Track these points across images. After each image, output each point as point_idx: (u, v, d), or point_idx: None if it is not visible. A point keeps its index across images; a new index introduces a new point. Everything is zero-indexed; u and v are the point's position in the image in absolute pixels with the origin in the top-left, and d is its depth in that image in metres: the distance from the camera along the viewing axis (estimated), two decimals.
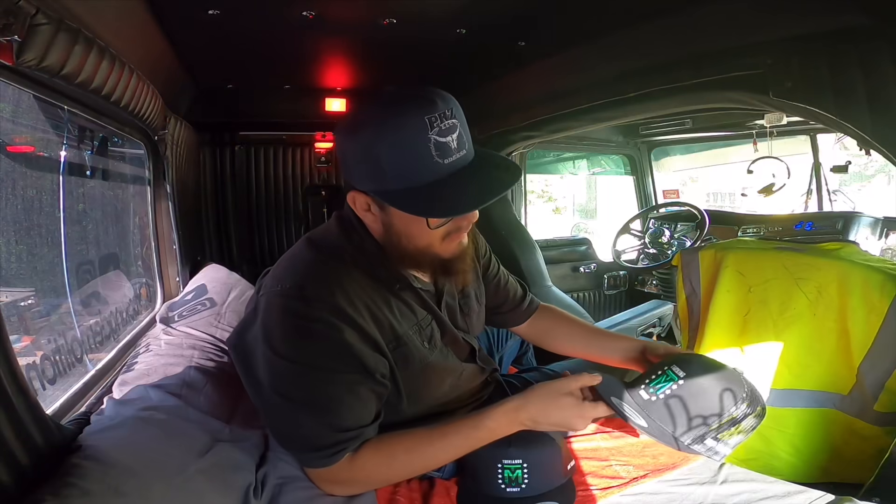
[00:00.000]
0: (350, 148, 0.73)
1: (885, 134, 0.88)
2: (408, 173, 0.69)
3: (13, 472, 0.54)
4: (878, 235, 2.16)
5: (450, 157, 0.69)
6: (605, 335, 1.10)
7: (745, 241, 2.16)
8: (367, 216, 0.79)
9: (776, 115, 1.95)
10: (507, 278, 1.11)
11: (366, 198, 0.76)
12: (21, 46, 0.65)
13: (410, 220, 0.75)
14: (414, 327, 0.84)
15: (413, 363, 0.83)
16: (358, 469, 0.77)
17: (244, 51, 1.48)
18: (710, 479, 0.89)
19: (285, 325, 0.75)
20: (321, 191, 2.43)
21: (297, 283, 0.76)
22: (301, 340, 0.74)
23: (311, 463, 0.78)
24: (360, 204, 0.78)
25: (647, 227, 2.72)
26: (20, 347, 1.00)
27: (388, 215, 0.77)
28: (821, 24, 0.96)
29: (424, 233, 0.76)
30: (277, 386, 0.75)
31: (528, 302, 1.13)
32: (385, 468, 0.79)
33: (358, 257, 0.80)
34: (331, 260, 0.79)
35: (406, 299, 0.84)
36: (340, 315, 0.74)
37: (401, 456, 0.79)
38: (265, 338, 0.75)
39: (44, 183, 1.15)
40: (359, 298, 0.77)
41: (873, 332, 1.17)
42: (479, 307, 1.01)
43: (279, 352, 0.74)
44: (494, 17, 1.23)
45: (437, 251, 0.79)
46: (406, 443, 0.80)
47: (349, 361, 0.75)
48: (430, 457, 0.80)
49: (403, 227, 0.77)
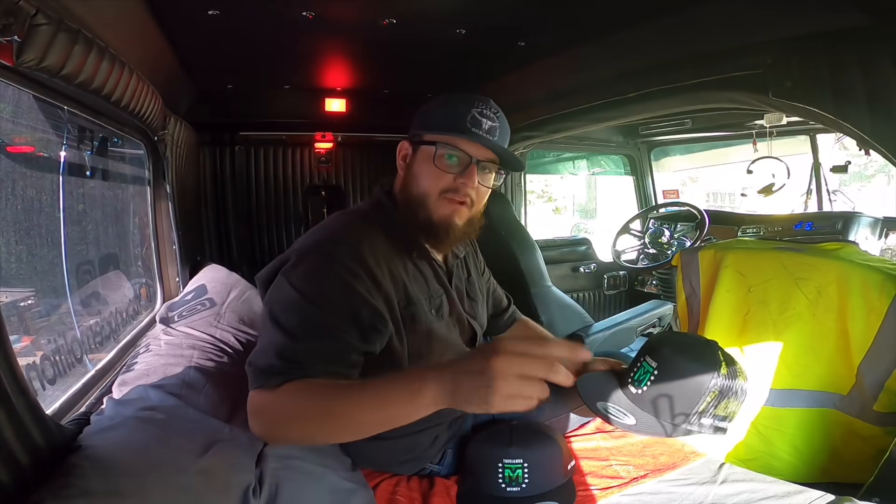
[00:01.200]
0: (421, 109, 0.92)
1: (885, 134, 0.88)
2: (442, 125, 0.86)
3: (13, 472, 0.54)
4: (877, 235, 2.16)
5: (477, 130, 0.86)
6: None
7: (744, 241, 2.16)
8: (401, 166, 0.93)
9: (776, 115, 1.95)
10: (497, 289, 1.20)
11: (407, 143, 0.92)
12: (21, 47, 0.65)
13: (424, 161, 0.88)
14: (425, 294, 0.91)
15: (420, 325, 0.88)
16: (276, 397, 0.71)
17: (244, 51, 1.48)
18: (710, 479, 0.89)
19: (307, 261, 0.81)
20: (321, 191, 2.43)
21: (332, 232, 0.85)
22: (314, 275, 0.79)
23: (251, 381, 0.73)
24: (402, 150, 0.93)
25: (647, 228, 2.72)
26: (20, 347, 0.99)
27: (414, 156, 0.90)
28: (821, 24, 0.96)
29: (431, 175, 0.87)
30: (272, 307, 0.78)
31: (510, 313, 1.20)
32: (303, 401, 0.70)
33: (383, 223, 0.90)
34: (362, 221, 0.89)
35: (422, 269, 0.92)
36: (361, 263, 0.81)
37: (325, 393, 0.70)
38: (285, 271, 0.81)
39: (44, 183, 1.15)
40: (381, 255, 0.85)
41: (873, 332, 1.17)
42: (483, 299, 1.09)
43: (291, 280, 0.79)
44: (494, 17, 1.23)
45: (432, 206, 0.88)
46: (336, 387, 0.71)
47: (347, 308, 0.78)
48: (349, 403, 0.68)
49: (418, 167, 0.89)
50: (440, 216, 0.88)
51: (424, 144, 0.88)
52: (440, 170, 0.86)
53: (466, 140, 0.85)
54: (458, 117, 0.85)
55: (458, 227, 0.89)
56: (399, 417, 0.65)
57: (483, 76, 1.79)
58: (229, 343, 1.18)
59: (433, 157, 0.86)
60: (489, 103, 0.88)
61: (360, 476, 0.85)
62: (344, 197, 2.44)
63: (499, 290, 1.20)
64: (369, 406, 0.66)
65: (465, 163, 0.86)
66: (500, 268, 1.79)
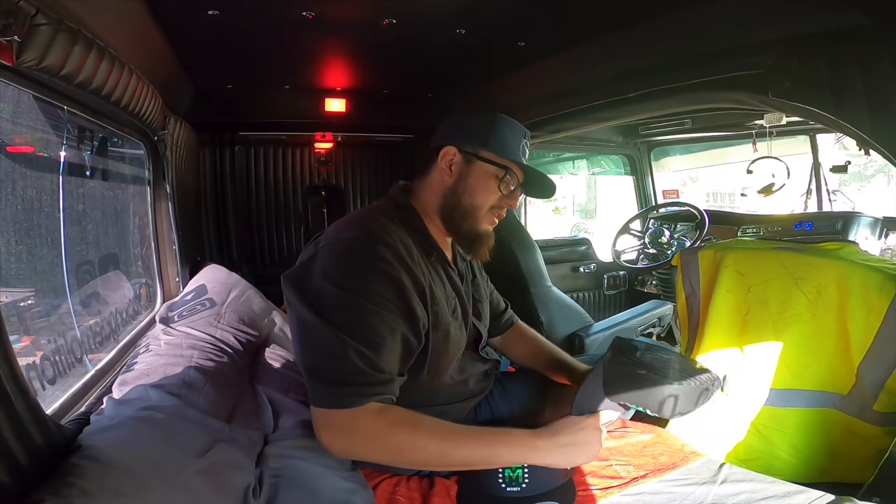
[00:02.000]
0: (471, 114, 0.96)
1: (885, 134, 0.88)
2: (508, 149, 0.93)
3: (13, 472, 0.54)
4: (877, 235, 2.16)
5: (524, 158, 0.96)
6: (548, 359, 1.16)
7: (744, 241, 2.16)
8: (444, 170, 0.94)
9: (776, 115, 1.95)
10: (494, 293, 1.22)
11: (455, 150, 0.93)
12: (21, 47, 0.65)
13: (485, 177, 0.92)
14: (443, 295, 0.92)
15: (441, 323, 0.90)
16: (381, 421, 0.74)
17: (244, 51, 1.48)
18: (710, 479, 0.89)
19: (348, 259, 0.80)
20: (321, 191, 2.43)
21: (364, 229, 0.84)
22: (360, 273, 0.79)
23: (329, 400, 0.75)
24: (447, 156, 0.93)
25: (647, 228, 2.72)
26: (20, 347, 1.00)
27: (470, 168, 0.93)
28: (821, 24, 0.96)
29: (488, 190, 0.92)
30: (323, 310, 0.76)
31: (506, 317, 1.22)
32: (408, 432, 0.76)
33: (407, 224, 0.92)
34: (388, 220, 0.89)
35: (439, 272, 0.94)
36: (401, 259, 0.82)
37: (426, 427, 0.77)
38: (323, 272, 0.79)
39: (44, 183, 1.15)
40: (412, 252, 0.87)
41: (873, 332, 1.17)
42: (486, 302, 1.11)
43: (335, 281, 0.78)
44: (494, 17, 1.23)
45: (479, 218, 0.93)
46: (435, 422, 0.79)
47: (399, 304, 0.80)
48: (447, 446, 0.77)
49: (475, 181, 0.92)
50: (483, 228, 0.95)
51: (489, 163, 0.92)
52: (500, 190, 0.93)
53: (520, 169, 0.94)
54: (519, 145, 0.94)
55: (492, 236, 0.98)
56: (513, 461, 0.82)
57: (483, 76, 1.79)
58: (229, 343, 1.18)
59: (499, 179, 0.92)
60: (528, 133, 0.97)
61: (360, 476, 0.85)
62: (344, 197, 2.44)
63: (496, 296, 1.23)
64: (478, 459, 0.79)
65: (515, 185, 0.95)
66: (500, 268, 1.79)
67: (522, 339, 1.22)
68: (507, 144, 0.93)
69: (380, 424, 0.75)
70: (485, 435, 0.80)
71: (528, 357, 1.19)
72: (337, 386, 0.74)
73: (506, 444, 0.79)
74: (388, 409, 0.76)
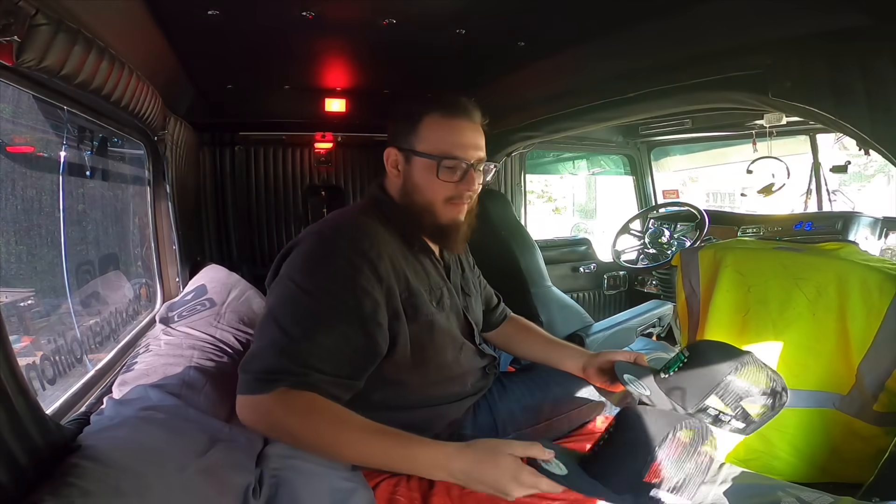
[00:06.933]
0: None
1: (885, 134, 0.88)
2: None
3: (13, 472, 0.54)
4: (877, 235, 2.16)
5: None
6: (558, 346, 1.12)
7: (744, 241, 2.16)
8: (393, 171, 0.94)
9: (776, 115, 1.95)
10: (486, 287, 1.22)
11: (396, 151, 0.93)
12: (21, 47, 0.65)
13: (423, 172, 0.90)
14: (426, 286, 0.93)
15: (421, 316, 0.90)
16: (276, 403, 0.73)
17: (244, 51, 1.48)
18: (710, 479, 0.89)
19: (309, 256, 0.83)
20: (321, 191, 2.43)
21: (333, 227, 0.87)
22: (316, 270, 0.81)
23: (243, 385, 0.75)
24: (390, 157, 0.94)
25: (647, 228, 2.71)
26: (20, 348, 0.99)
27: (410, 166, 0.91)
28: (821, 24, 0.96)
29: (433, 184, 0.90)
30: (273, 305, 0.82)
31: (500, 310, 1.21)
32: (298, 419, 0.73)
33: (384, 218, 0.92)
34: (363, 216, 0.91)
35: (423, 263, 0.95)
36: (363, 256, 0.83)
37: (320, 418, 0.74)
38: (287, 266, 0.84)
39: (44, 183, 1.15)
40: (383, 248, 0.86)
41: (872, 332, 1.17)
42: (477, 294, 1.11)
43: (292, 276, 0.82)
44: (494, 17, 1.23)
45: (438, 212, 0.92)
46: (336, 412, 0.75)
47: (351, 304, 0.80)
48: (343, 440, 0.74)
49: (418, 178, 0.91)
50: (447, 220, 0.93)
51: (422, 157, 0.90)
52: (443, 181, 0.90)
53: (461, 148, 0.89)
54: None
55: (463, 224, 0.95)
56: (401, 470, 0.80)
57: (483, 76, 1.79)
58: (229, 343, 1.18)
59: (436, 171, 0.89)
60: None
61: (360, 476, 0.85)
62: (344, 197, 2.44)
63: (489, 288, 1.22)
64: (380, 458, 0.74)
65: (463, 169, 0.90)
66: (500, 268, 1.80)
67: (520, 331, 1.20)
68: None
69: (275, 407, 0.73)
70: (384, 435, 0.73)
71: (529, 347, 1.17)
72: (252, 373, 0.75)
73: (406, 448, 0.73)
74: (289, 395, 0.73)
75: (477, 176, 0.93)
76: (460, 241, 0.97)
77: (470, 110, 0.92)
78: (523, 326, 1.21)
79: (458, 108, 0.91)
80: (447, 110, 0.91)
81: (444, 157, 0.89)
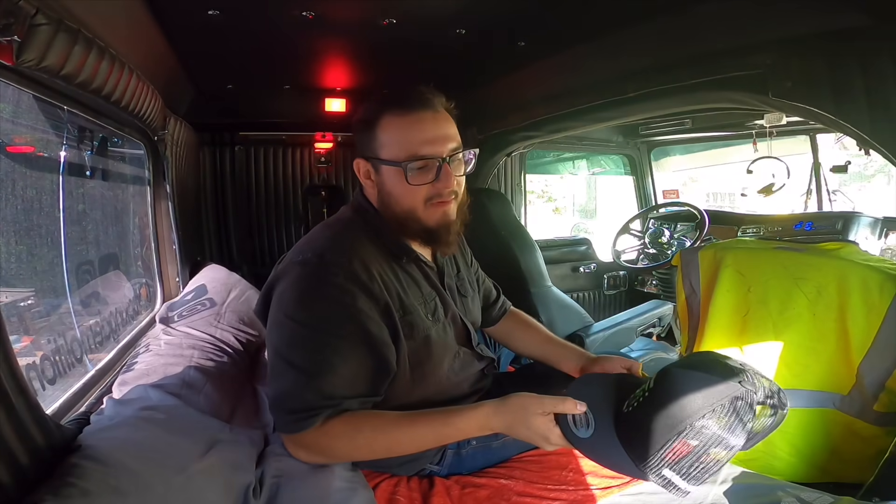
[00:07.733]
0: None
1: (885, 134, 0.88)
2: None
3: (13, 472, 0.54)
4: (877, 235, 2.16)
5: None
6: (558, 345, 1.11)
7: (744, 241, 2.16)
8: (367, 182, 0.89)
9: (776, 115, 1.95)
10: (486, 281, 1.19)
11: (364, 161, 0.88)
12: (21, 46, 0.65)
13: (394, 180, 0.84)
14: (419, 300, 0.90)
15: (417, 332, 0.87)
16: (322, 435, 0.78)
17: (244, 51, 1.48)
18: (710, 479, 0.89)
19: (300, 289, 0.80)
20: (321, 191, 2.43)
21: (317, 252, 0.82)
22: (312, 304, 0.79)
23: (283, 426, 0.80)
24: (360, 168, 0.89)
25: (647, 228, 2.71)
26: (20, 347, 0.99)
27: (380, 175, 0.86)
28: (821, 24, 0.96)
29: (408, 192, 0.84)
30: (279, 346, 0.80)
31: (500, 304, 1.19)
32: (348, 441, 0.79)
33: (370, 231, 0.88)
34: (347, 232, 0.87)
35: (413, 274, 0.91)
36: (355, 280, 0.80)
37: (366, 432, 0.79)
38: (279, 302, 0.81)
39: (44, 183, 1.15)
40: (373, 266, 0.83)
41: (873, 332, 1.17)
42: (474, 294, 1.08)
43: (289, 313, 0.80)
44: (494, 17, 1.23)
45: (422, 216, 0.86)
46: (375, 421, 0.80)
47: (354, 329, 0.79)
48: (394, 440, 0.80)
49: (391, 187, 0.85)
50: (434, 222, 0.86)
51: (386, 164, 0.84)
52: (416, 185, 0.83)
53: (427, 144, 0.82)
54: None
55: (455, 223, 0.89)
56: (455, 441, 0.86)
57: (483, 76, 1.80)
58: (229, 343, 1.18)
59: (404, 178, 0.82)
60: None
61: (361, 476, 0.85)
62: (344, 197, 2.44)
63: (488, 281, 1.19)
64: (431, 440, 0.80)
65: (436, 167, 0.83)
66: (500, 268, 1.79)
67: (520, 327, 1.19)
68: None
69: (321, 438, 0.79)
70: (426, 420, 0.80)
71: (528, 344, 1.15)
72: (287, 414, 0.79)
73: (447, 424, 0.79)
74: (328, 423, 0.78)
75: (455, 168, 0.85)
76: (453, 241, 0.91)
77: (428, 99, 0.84)
78: (524, 322, 1.20)
79: (414, 101, 0.83)
80: (401, 106, 0.83)
81: (410, 160, 0.81)
